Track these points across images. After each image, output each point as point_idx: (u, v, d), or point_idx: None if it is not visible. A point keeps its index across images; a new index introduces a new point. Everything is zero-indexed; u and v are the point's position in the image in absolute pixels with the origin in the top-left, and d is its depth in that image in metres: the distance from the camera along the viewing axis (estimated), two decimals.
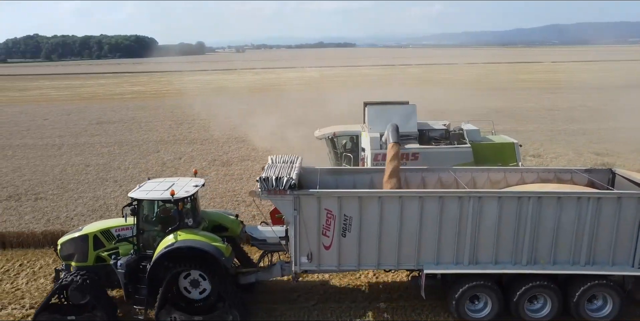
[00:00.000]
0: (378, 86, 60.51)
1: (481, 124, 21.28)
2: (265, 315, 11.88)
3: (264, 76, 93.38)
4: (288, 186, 10.78)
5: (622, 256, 11.01)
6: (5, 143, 31.85)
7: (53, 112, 46.11)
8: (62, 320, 11.22)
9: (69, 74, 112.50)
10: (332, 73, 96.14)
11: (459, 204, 10.90)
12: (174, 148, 29.44)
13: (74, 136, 33.95)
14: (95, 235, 11.87)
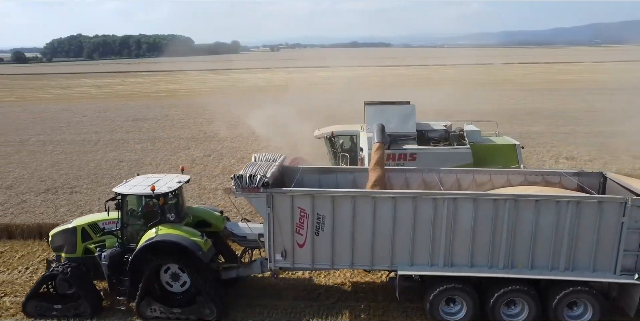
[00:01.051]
0: (409, 86, 60.00)
1: (487, 125, 21.01)
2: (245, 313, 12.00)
3: (296, 75, 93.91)
4: (261, 184, 10.89)
5: (603, 262, 10.61)
6: (46, 139, 33.18)
7: (91, 110, 47.71)
8: (49, 308, 11.80)
9: (108, 72, 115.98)
10: (366, 73, 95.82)
11: (433, 206, 10.73)
12: (204, 145, 30.01)
13: (110, 132, 35.05)
14: (83, 228, 12.37)
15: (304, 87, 59.65)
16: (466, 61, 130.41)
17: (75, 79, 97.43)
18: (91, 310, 11.75)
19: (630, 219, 10.26)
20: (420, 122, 18.50)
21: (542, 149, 27.27)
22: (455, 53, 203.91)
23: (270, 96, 43.24)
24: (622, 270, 10.55)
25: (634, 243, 10.39)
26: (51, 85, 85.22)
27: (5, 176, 23.60)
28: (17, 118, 43.22)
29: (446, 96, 51.70)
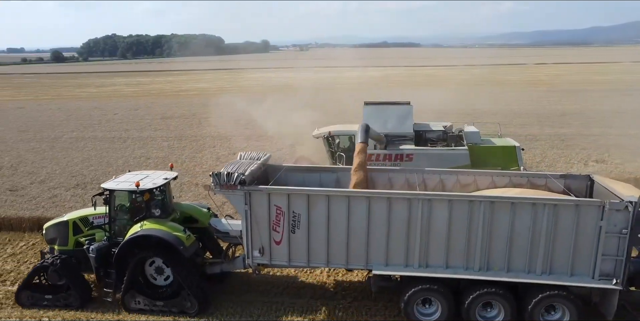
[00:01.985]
0: (435, 87, 59.36)
1: (491, 126, 20.61)
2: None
3: (325, 74, 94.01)
4: (238, 181, 11.06)
5: (581, 266, 10.39)
6: (79, 135, 34.24)
7: (123, 107, 48.94)
8: (41, 298, 12.37)
9: (140, 71, 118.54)
10: (394, 73, 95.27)
11: (407, 206, 10.68)
12: (229, 144, 30.42)
13: (139, 130, 35.90)
14: (74, 222, 12.89)
15: (330, 87, 59.69)
16: (497, 61, 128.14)
17: (109, 78, 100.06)
18: (80, 301, 12.29)
19: (609, 223, 10.01)
20: (419, 123, 18.48)
21: (571, 151, 26.60)
22: (486, 53, 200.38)
23: (296, 95, 43.46)
24: (600, 275, 10.30)
25: (613, 248, 10.14)
26: (86, 84, 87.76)
27: (39, 171, 24.48)
28: (53, 115, 44.70)
29: (471, 97, 50.97)
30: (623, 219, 9.92)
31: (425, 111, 42.24)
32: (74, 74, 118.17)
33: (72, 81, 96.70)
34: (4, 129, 37.92)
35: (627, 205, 9.85)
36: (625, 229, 9.96)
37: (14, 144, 31.76)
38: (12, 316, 12.07)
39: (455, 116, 38.70)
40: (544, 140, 29.79)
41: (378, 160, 16.76)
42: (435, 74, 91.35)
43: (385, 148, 16.84)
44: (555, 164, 23.82)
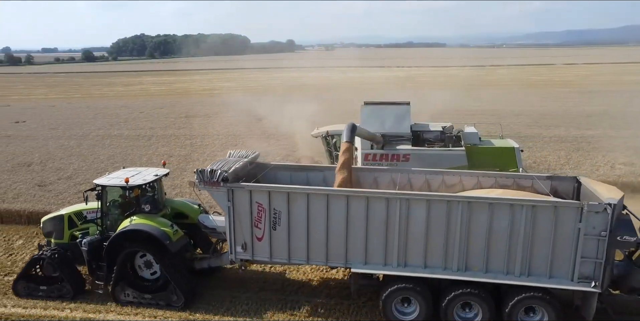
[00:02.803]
0: (458, 87, 58.56)
1: (494, 127, 20.35)
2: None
3: (349, 74, 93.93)
4: (221, 178, 11.29)
5: (560, 268, 10.30)
6: (105, 133, 35.07)
7: (148, 106, 49.90)
8: (36, 289, 12.91)
9: (167, 70, 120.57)
10: (419, 73, 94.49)
11: (385, 206, 10.73)
12: (251, 143, 30.64)
13: (163, 128, 36.56)
14: (69, 216, 13.38)
15: (352, 87, 59.58)
16: (525, 61, 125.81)
17: (137, 77, 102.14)
18: (73, 292, 12.78)
19: (587, 225, 9.89)
20: (419, 124, 18.46)
21: (597, 154, 25.98)
22: (514, 53, 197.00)
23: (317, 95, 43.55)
24: (579, 277, 10.19)
25: (592, 250, 10.01)
26: (114, 82, 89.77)
27: (67, 167, 25.21)
28: (82, 113, 45.90)
29: (496, 98, 50.20)
30: (602, 221, 9.80)
31: (446, 111, 41.85)
32: (103, 73, 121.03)
33: (101, 79, 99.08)
34: (36, 126, 39.14)
35: (606, 207, 9.71)
36: (604, 232, 9.83)
37: (44, 141, 32.77)
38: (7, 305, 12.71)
39: (478, 116, 38.23)
40: (569, 142, 29.18)
41: (375, 160, 16.80)
42: (461, 75, 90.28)
43: (382, 148, 16.91)
44: (580, 167, 23.33)
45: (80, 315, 12.15)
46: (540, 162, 24.29)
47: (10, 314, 12.23)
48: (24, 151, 29.69)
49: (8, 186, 22.16)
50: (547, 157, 25.17)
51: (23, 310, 12.45)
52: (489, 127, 33.44)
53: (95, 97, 63.05)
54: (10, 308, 12.55)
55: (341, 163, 12.52)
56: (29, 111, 48.69)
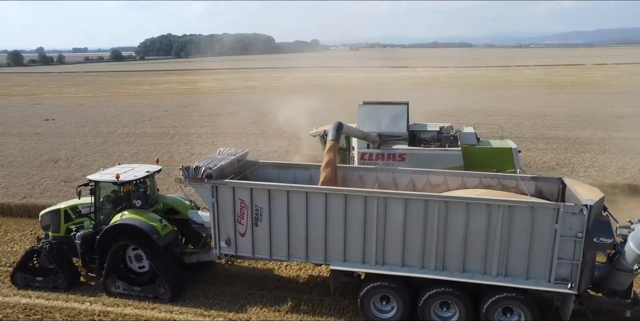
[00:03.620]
0: (482, 87, 57.86)
1: (508, 128, 19.96)
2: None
3: (373, 74, 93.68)
4: (205, 175, 11.54)
5: (537, 269, 10.22)
6: (129, 131, 35.79)
7: (173, 105, 50.67)
8: (32, 280, 13.40)
9: (192, 69, 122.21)
10: (443, 73, 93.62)
11: (363, 204, 10.80)
12: (272, 142, 30.91)
13: (186, 126, 37.10)
14: (65, 210, 13.82)
15: (376, 87, 59.43)
16: (553, 61, 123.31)
17: (162, 76, 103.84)
18: (67, 284, 13.23)
19: (564, 226, 9.81)
20: (418, 124, 18.46)
21: (624, 156, 25.29)
22: (542, 53, 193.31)
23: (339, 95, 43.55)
24: (556, 279, 10.12)
25: (568, 252, 9.93)
26: (141, 81, 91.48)
27: (91, 164, 25.83)
28: (108, 112, 46.91)
29: (521, 98, 49.36)
30: (578, 222, 9.71)
31: (467, 112, 41.38)
32: (130, 72, 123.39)
33: (128, 79, 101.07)
34: (65, 124, 40.20)
35: (582, 208, 9.62)
36: (580, 233, 9.75)
37: (71, 138, 33.64)
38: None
39: (499, 117, 37.76)
40: (595, 144, 28.51)
41: (371, 159, 16.88)
42: (486, 75, 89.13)
43: (378, 148, 16.99)
44: (606, 170, 22.78)
45: (100, 307, 12.46)
46: (564, 164, 23.81)
47: (34, 305, 12.66)
48: (52, 147, 30.55)
49: (36, 181, 22.86)
50: (571, 160, 24.65)
51: (46, 301, 12.83)
52: (509, 128, 33.00)
53: (122, 96, 64.35)
54: (35, 299, 12.97)
55: (326, 162, 12.59)
56: (59, 109, 50.01)
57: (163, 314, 12.07)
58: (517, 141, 29.17)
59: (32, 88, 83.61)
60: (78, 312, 12.23)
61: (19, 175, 24.21)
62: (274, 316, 11.90)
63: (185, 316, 11.95)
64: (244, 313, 12.04)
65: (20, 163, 26.73)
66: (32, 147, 30.85)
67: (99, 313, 12.19)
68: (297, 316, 11.84)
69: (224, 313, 12.03)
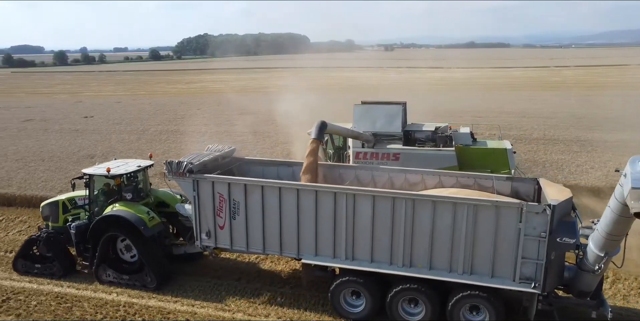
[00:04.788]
0: (516, 89, 56.52)
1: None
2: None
3: (406, 75, 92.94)
4: (186, 169, 12.00)
5: (502, 268, 10.26)
6: (162, 129, 36.72)
7: (206, 103, 51.67)
8: (32, 267, 14.24)
9: (227, 69, 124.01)
10: (478, 74, 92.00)
11: (333, 200, 11.05)
12: (304, 141, 31.04)
13: (217, 124, 37.73)
14: (63, 201, 14.53)
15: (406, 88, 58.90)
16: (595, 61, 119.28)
17: (197, 75, 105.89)
18: (62, 271, 14.00)
19: (528, 226, 9.84)
20: (415, 123, 18.52)
21: None
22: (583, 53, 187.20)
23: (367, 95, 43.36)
24: (520, 278, 10.14)
25: (533, 251, 9.95)
26: (177, 80, 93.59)
27: None
28: (144, 110, 48.23)
29: (556, 100, 47.97)
30: (542, 222, 9.73)
31: (499, 113, 40.54)
32: (167, 71, 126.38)
33: (164, 77, 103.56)
34: (102, 121, 41.61)
35: (545, 208, 9.63)
36: (544, 233, 9.78)
37: (107, 135, 34.79)
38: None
39: (532, 119, 36.84)
40: (635, 146, 27.44)
41: (366, 159, 17.12)
42: (523, 76, 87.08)
43: (373, 147, 17.15)
44: None
45: (125, 299, 12.90)
46: (599, 167, 23.05)
47: (65, 293, 13.24)
48: (89, 144, 31.67)
49: (72, 176, 23.65)
50: (606, 163, 23.85)
51: (76, 290, 13.39)
52: (543, 130, 32.19)
53: (158, 94, 66.01)
54: (66, 288, 13.55)
55: (305, 165, 12.80)
56: (98, 107, 51.78)
57: (185, 307, 12.41)
58: (551, 143, 28.52)
59: (75, 86, 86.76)
60: (105, 302, 12.72)
61: (58, 170, 25.23)
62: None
63: (206, 310, 12.24)
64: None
65: (59, 158, 27.84)
66: (70, 143, 32.08)
67: (124, 304, 12.64)
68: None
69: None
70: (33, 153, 29.35)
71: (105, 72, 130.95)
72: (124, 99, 60.49)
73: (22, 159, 27.80)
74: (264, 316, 11.90)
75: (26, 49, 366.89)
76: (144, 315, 12.09)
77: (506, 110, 42.11)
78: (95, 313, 12.24)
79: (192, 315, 12.05)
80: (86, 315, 12.14)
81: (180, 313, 12.10)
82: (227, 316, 11.95)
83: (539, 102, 46.91)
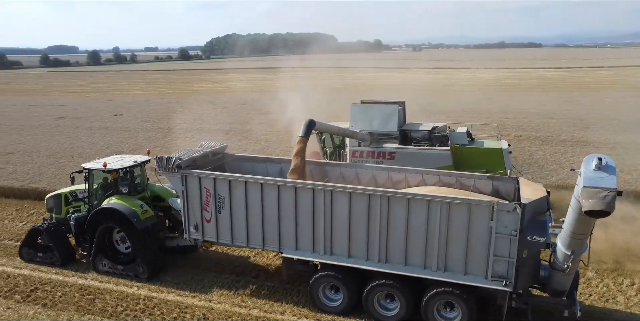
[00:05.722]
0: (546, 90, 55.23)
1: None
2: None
3: (433, 75, 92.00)
4: (175, 165, 12.42)
5: (475, 266, 10.41)
6: (188, 127, 37.31)
7: (232, 102, 52.24)
8: (35, 255, 15.00)
9: (254, 68, 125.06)
10: (508, 75, 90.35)
11: (311, 196, 11.35)
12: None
13: (242, 123, 38.12)
14: (65, 194, 15.24)
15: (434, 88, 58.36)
16: (632, 62, 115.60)
17: (225, 74, 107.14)
18: (61, 260, 14.69)
19: (499, 224, 9.96)
20: (413, 123, 18.60)
21: None
22: (619, 53, 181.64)
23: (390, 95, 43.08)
24: (493, 276, 10.27)
25: (504, 249, 10.06)
26: (205, 79, 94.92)
27: None
28: (171, 108, 49.04)
29: (586, 102, 46.69)
30: (513, 220, 9.84)
31: (527, 114, 39.69)
32: (195, 70, 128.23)
33: (193, 76, 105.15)
34: (130, 119, 42.56)
35: (516, 207, 9.76)
36: (515, 231, 9.88)
37: (134, 132, 35.57)
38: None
39: (561, 120, 35.95)
40: None
41: (362, 157, 17.41)
42: (554, 77, 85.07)
43: (369, 146, 17.37)
44: None
45: (145, 293, 13.21)
46: (628, 171, 22.35)
47: (89, 285, 13.66)
48: (117, 141, 32.45)
49: None
50: (638, 167, 23.10)
51: (99, 283, 13.78)
52: (572, 132, 31.39)
53: (186, 93, 67.09)
54: (90, 280, 13.97)
55: (292, 167, 12.91)
56: (127, 105, 52.98)
57: (202, 302, 12.61)
58: (579, 145, 27.79)
59: (106, 85, 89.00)
60: (126, 296, 13.05)
61: None
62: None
63: (222, 306, 12.42)
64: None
65: (88, 154, 28.56)
66: (99, 141, 32.93)
67: (144, 297, 12.93)
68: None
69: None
70: (64, 150, 30.27)
71: (136, 71, 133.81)
72: (152, 97, 61.68)
73: (54, 155, 28.69)
74: (279, 314, 12.00)
75: (62, 49, 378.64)
76: (162, 309, 12.35)
77: (534, 111, 41.25)
78: (116, 305, 12.58)
79: (209, 310, 12.24)
80: (107, 307, 12.49)
81: (197, 308, 12.32)
82: (243, 313, 12.10)
83: (569, 104, 45.79)
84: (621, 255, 14.36)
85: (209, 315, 12.02)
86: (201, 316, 11.96)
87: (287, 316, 11.92)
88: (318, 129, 14.95)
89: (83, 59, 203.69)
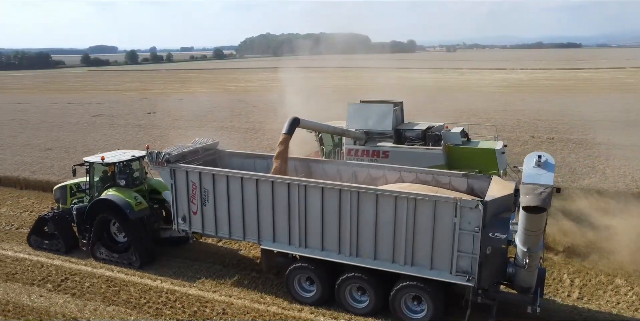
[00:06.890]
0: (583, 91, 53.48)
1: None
2: None
3: (467, 76, 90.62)
4: (164, 159, 13.05)
5: (440, 261, 10.68)
6: (219, 125, 37.98)
7: (263, 101, 52.64)
8: (42, 243, 15.95)
9: (287, 68, 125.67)
10: (545, 75, 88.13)
11: (287, 191, 11.81)
12: None
13: (271, 122, 38.43)
14: (70, 186, 16.19)
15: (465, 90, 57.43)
16: None
17: (258, 74, 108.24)
18: (65, 248, 15.65)
19: (463, 220, 10.18)
20: (411, 122, 18.83)
21: None
22: None
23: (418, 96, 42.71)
24: (457, 271, 10.49)
25: (468, 245, 10.29)
26: (238, 78, 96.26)
27: None
28: (203, 107, 49.83)
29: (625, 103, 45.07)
30: (475, 217, 10.06)
31: (560, 115, 38.56)
32: (229, 69, 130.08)
33: (226, 76, 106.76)
34: (163, 117, 43.55)
35: (478, 204, 9.94)
36: (477, 228, 10.09)
37: (166, 130, 36.39)
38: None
39: (597, 123, 34.80)
40: None
41: (357, 155, 17.65)
42: (594, 77, 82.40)
43: (364, 144, 17.62)
44: None
45: (168, 286, 13.54)
46: None
47: (115, 278, 14.14)
48: (149, 138, 33.25)
49: None
50: None
51: (125, 276, 14.25)
52: (607, 135, 30.34)
53: (219, 92, 68.17)
54: (116, 272, 14.45)
55: (277, 153, 13.59)
56: (161, 103, 54.16)
57: (223, 297, 12.86)
58: (615, 148, 26.84)
59: (142, 84, 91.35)
60: (149, 288, 13.44)
61: None
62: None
63: (242, 302, 12.62)
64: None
65: None
66: (132, 138, 33.87)
67: (167, 290, 13.28)
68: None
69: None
70: (98, 146, 31.20)
71: (172, 71, 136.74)
72: (185, 96, 62.92)
73: (89, 152, 29.56)
74: (297, 311, 12.12)
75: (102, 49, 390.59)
76: (183, 302, 12.65)
77: (569, 113, 40.09)
78: (139, 297, 12.97)
79: (228, 305, 12.46)
80: (131, 299, 12.89)
81: (217, 303, 12.56)
82: (261, 309, 12.27)
83: (606, 105, 44.26)
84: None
85: (228, 310, 12.24)
86: (220, 311, 12.19)
87: (305, 313, 12.02)
88: (303, 127, 15.49)
89: (122, 59, 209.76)
